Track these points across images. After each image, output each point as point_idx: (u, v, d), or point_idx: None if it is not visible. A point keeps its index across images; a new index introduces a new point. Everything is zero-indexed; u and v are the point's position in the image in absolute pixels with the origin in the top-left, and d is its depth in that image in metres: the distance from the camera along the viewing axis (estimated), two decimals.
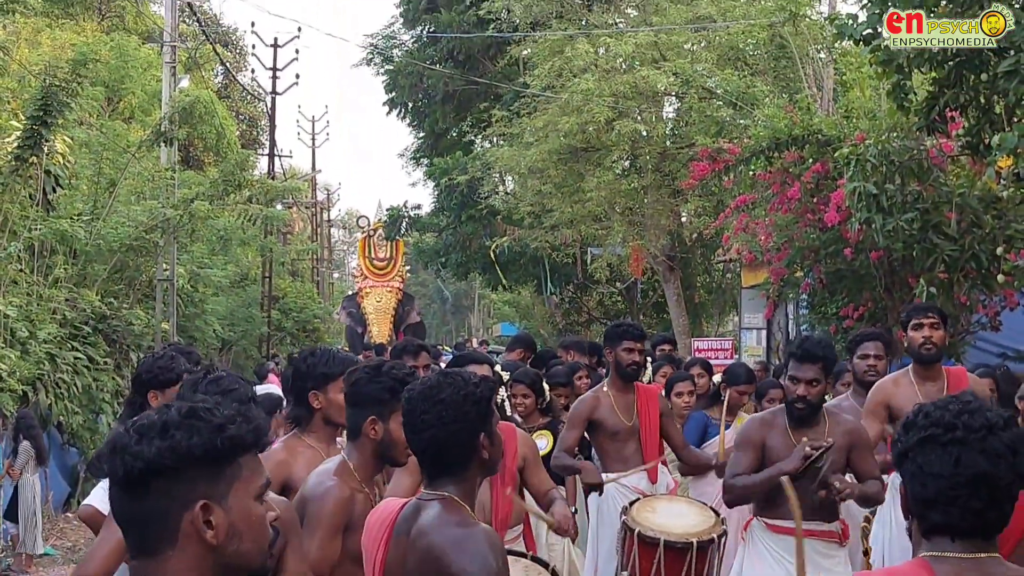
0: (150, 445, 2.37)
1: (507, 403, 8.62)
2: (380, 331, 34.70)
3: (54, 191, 16.99)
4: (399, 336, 34.60)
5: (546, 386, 9.26)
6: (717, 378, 9.55)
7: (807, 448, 6.09)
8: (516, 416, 8.76)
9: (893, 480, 7.10)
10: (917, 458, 2.85)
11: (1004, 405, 8.28)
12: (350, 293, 39.40)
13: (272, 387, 23.86)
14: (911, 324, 7.03)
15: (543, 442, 8.33)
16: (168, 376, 5.77)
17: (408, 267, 40.05)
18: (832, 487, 6.10)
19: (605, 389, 7.97)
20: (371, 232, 37.53)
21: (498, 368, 9.53)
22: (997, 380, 8.78)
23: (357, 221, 36.42)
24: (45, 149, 16.05)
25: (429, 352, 7.66)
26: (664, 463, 8.09)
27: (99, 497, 5.51)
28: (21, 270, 15.72)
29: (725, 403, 8.59)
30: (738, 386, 8.88)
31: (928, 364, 6.97)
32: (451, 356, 27.60)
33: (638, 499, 7.44)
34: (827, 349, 6.47)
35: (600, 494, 7.65)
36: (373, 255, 36.70)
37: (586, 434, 8.00)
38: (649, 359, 11.09)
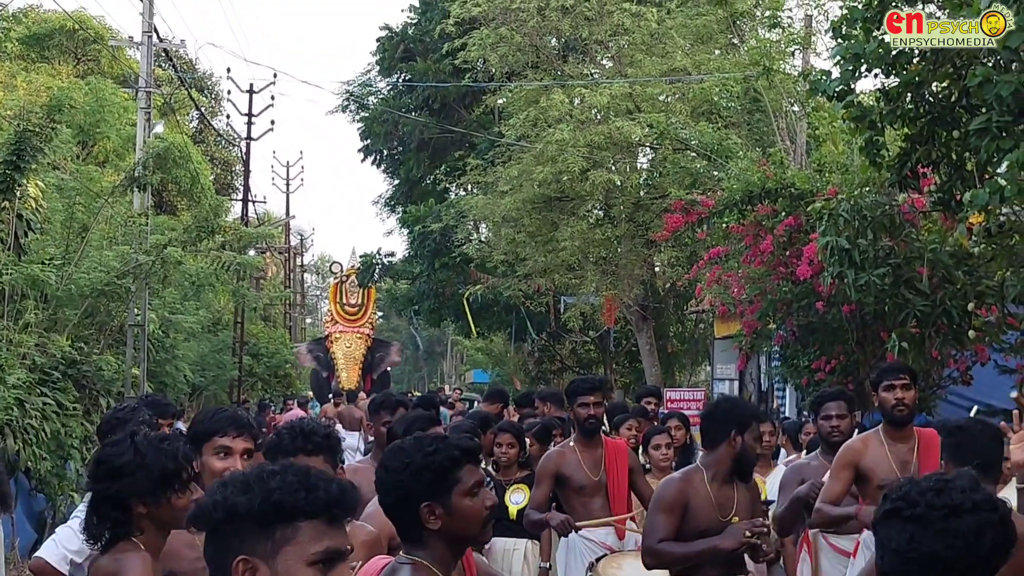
0: (217, 496, 2.54)
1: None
2: (349, 377, 34.57)
3: (26, 235, 16.90)
4: (367, 382, 34.46)
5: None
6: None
7: (746, 534, 6.06)
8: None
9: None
10: (881, 530, 2.80)
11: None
12: (318, 337, 39.25)
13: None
14: (882, 385, 6.99)
15: (520, 496, 8.30)
16: (126, 428, 5.73)
17: (380, 314, 39.94)
18: (760, 551, 6.14)
19: (572, 444, 7.93)
20: (344, 278, 37.45)
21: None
22: None
23: (330, 267, 36.41)
24: (18, 193, 15.99)
25: (407, 407, 7.62)
26: (634, 519, 8.04)
27: (51, 550, 5.39)
28: None
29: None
30: None
31: (901, 425, 6.95)
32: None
33: (605, 555, 7.41)
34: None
35: (566, 535, 7.62)
36: (345, 300, 36.62)
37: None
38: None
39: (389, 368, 37.56)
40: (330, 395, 28.83)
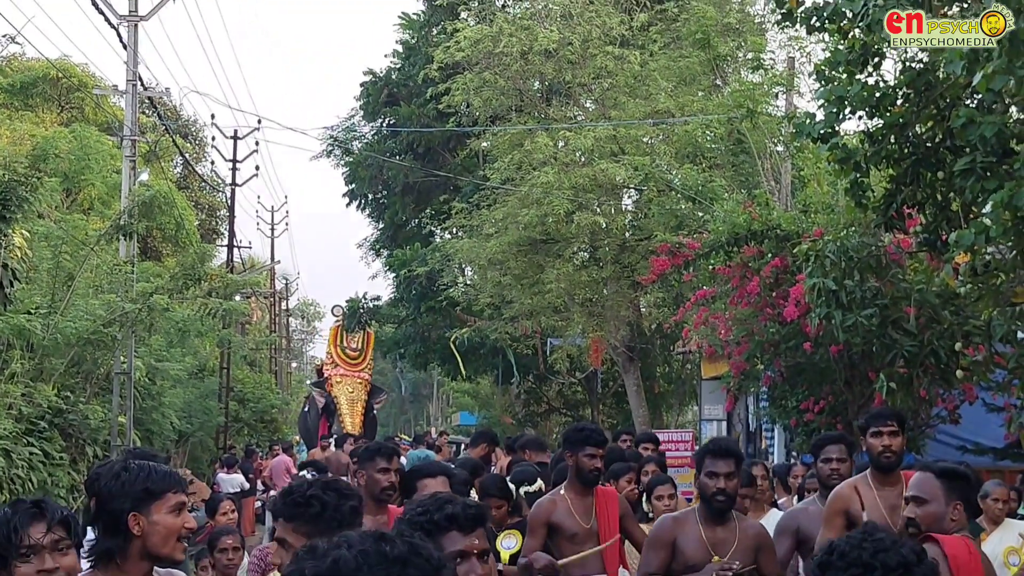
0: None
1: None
2: (353, 422, 34.22)
3: (11, 285, 16.85)
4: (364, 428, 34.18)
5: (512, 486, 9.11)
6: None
7: (715, 573, 6.19)
8: None
9: None
10: None
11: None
12: (319, 380, 38.83)
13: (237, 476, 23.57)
14: (870, 431, 7.01)
15: (512, 541, 8.22)
16: None
17: None
18: None
19: (562, 492, 7.89)
20: (344, 321, 37.15)
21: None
22: None
23: (332, 310, 36.12)
24: (3, 243, 15.95)
25: (399, 456, 7.60)
26: (625, 565, 8.01)
27: None
28: None
29: None
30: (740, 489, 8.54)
31: (887, 471, 6.95)
32: (410, 445, 27.47)
33: None
34: (737, 447, 7.02)
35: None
36: (346, 344, 36.31)
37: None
38: None
39: (376, 414, 37.30)
40: (320, 439, 28.61)
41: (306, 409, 36.60)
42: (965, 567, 4.98)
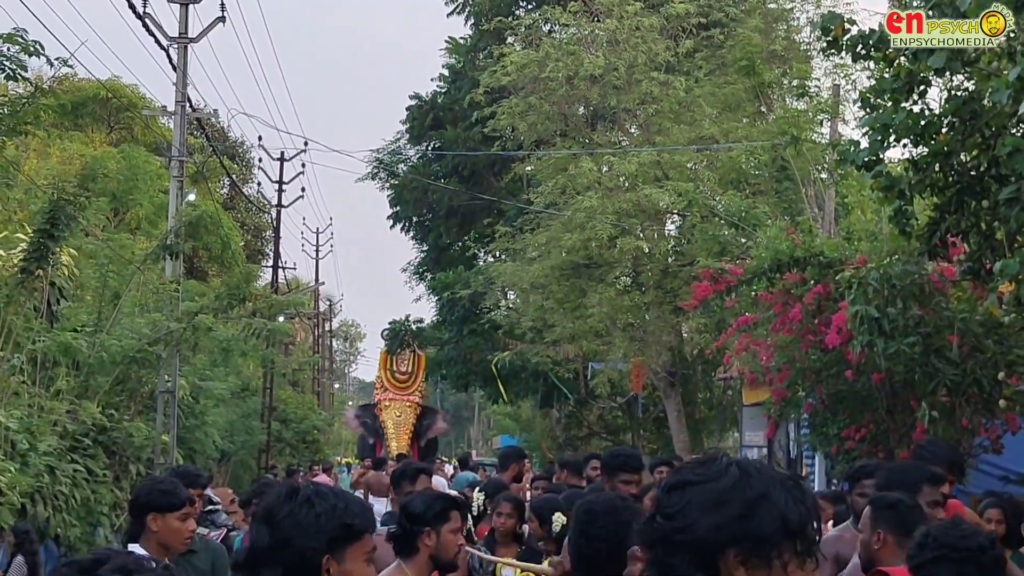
0: None
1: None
2: (399, 445, 34.24)
3: (58, 303, 17.01)
4: (415, 451, 34.21)
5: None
6: None
7: None
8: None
9: None
10: (933, 570, 4.21)
11: (1011, 535, 8.25)
12: (366, 403, 38.87)
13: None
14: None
15: (508, 572, 8.11)
16: (171, 500, 5.76)
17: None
18: None
19: None
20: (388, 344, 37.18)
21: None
22: (1005, 510, 8.72)
23: (383, 334, 36.24)
24: (51, 262, 16.11)
25: (429, 475, 7.59)
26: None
27: None
28: (23, 382, 15.67)
29: None
30: None
31: None
32: (454, 468, 27.47)
33: None
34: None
35: None
36: (395, 368, 36.34)
37: None
38: None
39: (436, 436, 37.29)
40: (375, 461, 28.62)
41: (364, 432, 36.69)
42: None
